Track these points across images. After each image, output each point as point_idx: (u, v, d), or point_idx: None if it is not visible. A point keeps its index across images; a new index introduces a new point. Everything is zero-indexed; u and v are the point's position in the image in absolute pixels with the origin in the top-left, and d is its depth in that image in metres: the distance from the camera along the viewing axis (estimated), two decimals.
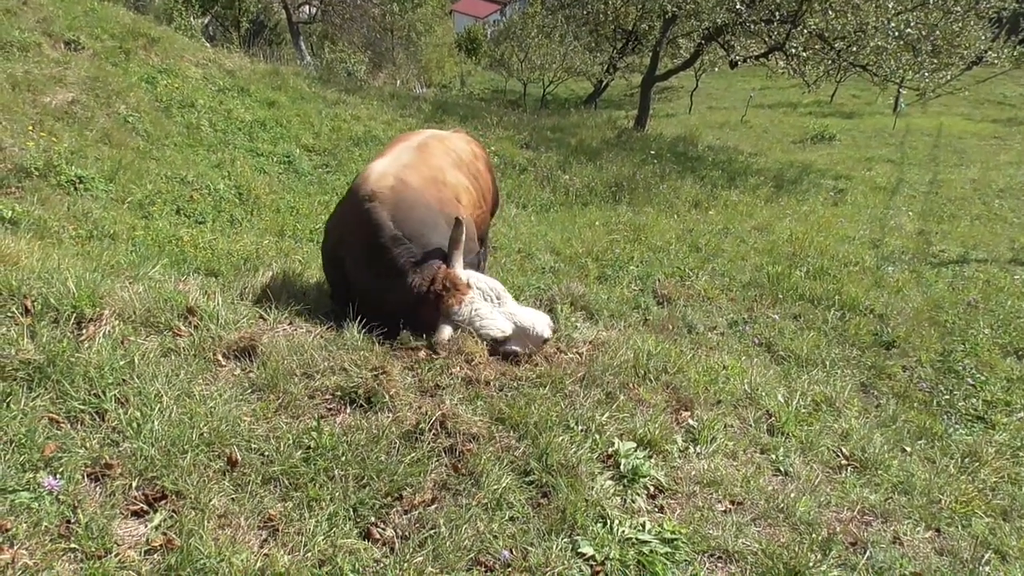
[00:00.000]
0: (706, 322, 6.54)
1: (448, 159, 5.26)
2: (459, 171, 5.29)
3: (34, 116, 8.84)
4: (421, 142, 5.18)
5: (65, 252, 5.05)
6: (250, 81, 13.69)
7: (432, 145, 5.22)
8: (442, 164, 5.08)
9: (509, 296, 4.19)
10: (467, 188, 5.23)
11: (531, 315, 4.16)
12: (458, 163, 5.37)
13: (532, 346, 4.12)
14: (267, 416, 3.15)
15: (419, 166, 4.80)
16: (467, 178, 5.35)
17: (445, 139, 5.55)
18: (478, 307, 4.01)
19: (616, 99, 33.31)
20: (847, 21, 16.89)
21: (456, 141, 5.69)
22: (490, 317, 4.01)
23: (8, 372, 2.99)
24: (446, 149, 5.37)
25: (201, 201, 8.88)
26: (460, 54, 40.61)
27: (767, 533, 3.03)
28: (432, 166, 4.95)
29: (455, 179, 5.11)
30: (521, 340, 4.08)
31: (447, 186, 4.91)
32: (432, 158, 5.05)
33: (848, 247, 9.43)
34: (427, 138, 5.33)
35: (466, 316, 3.98)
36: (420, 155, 4.97)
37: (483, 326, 3.98)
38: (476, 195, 5.38)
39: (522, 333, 4.07)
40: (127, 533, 2.44)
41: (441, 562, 2.52)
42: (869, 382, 5.88)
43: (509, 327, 4.02)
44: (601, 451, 3.30)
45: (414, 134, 5.52)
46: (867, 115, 28.18)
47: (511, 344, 4.05)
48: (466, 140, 5.99)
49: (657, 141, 18.09)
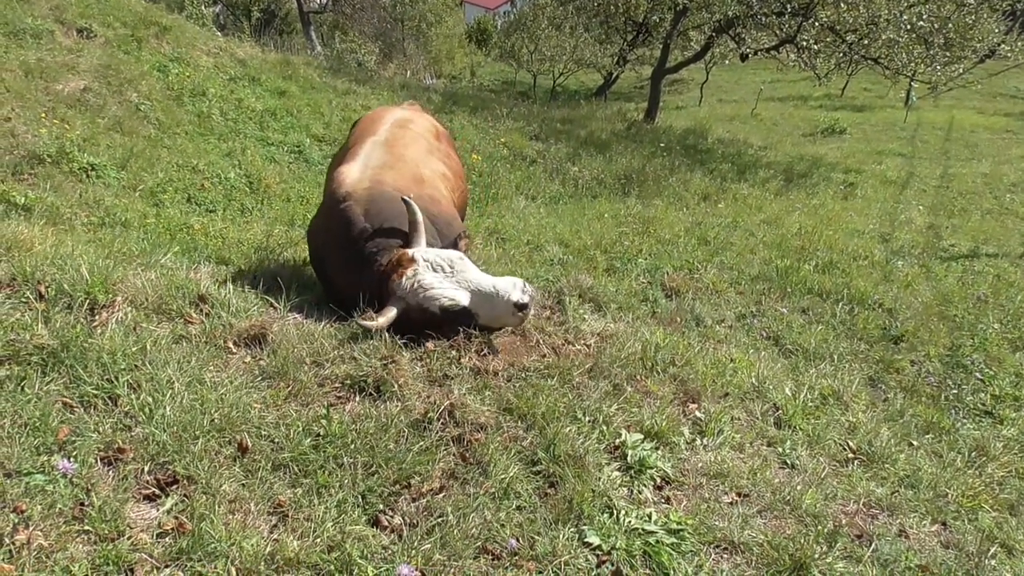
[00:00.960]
0: (714, 315, 6.53)
1: (419, 148, 5.17)
2: (432, 158, 5.23)
3: (47, 103, 8.89)
4: (389, 136, 5.04)
5: (78, 239, 5.08)
6: (261, 70, 13.70)
7: (399, 136, 5.10)
8: (416, 157, 5.00)
9: (470, 265, 3.93)
10: (443, 175, 5.20)
11: (496, 280, 3.85)
12: (429, 149, 5.31)
13: (506, 315, 3.83)
14: (277, 403, 3.18)
15: (394, 164, 4.73)
16: (441, 163, 5.31)
17: (409, 124, 5.40)
18: (422, 278, 3.79)
19: (626, 91, 33.19)
20: (859, 14, 16.77)
21: (419, 124, 5.57)
22: (437, 287, 3.78)
23: (23, 357, 3.03)
24: (414, 136, 5.25)
25: (212, 190, 8.92)
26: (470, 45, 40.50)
27: (773, 525, 3.04)
28: (407, 160, 4.87)
29: (431, 170, 5.05)
30: (489, 309, 3.82)
31: (425, 181, 4.83)
32: (405, 150, 4.97)
33: (857, 241, 9.41)
34: (392, 127, 5.19)
35: (408, 289, 3.79)
36: (391, 152, 4.87)
37: (427, 297, 3.76)
38: (452, 177, 5.36)
39: (487, 301, 3.80)
40: (139, 516, 2.48)
41: (448, 550, 2.55)
42: (877, 376, 5.87)
43: (463, 296, 3.79)
44: (608, 442, 3.32)
45: (377, 122, 5.33)
46: (878, 108, 27.98)
47: (480, 317, 3.82)
48: (427, 120, 5.91)
49: (667, 134, 18.04)
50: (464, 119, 15.16)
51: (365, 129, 5.26)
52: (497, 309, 3.82)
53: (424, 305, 3.79)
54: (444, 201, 4.84)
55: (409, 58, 30.78)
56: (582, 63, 29.62)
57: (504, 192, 11.90)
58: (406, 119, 5.51)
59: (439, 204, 4.70)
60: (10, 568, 2.11)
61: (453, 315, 3.81)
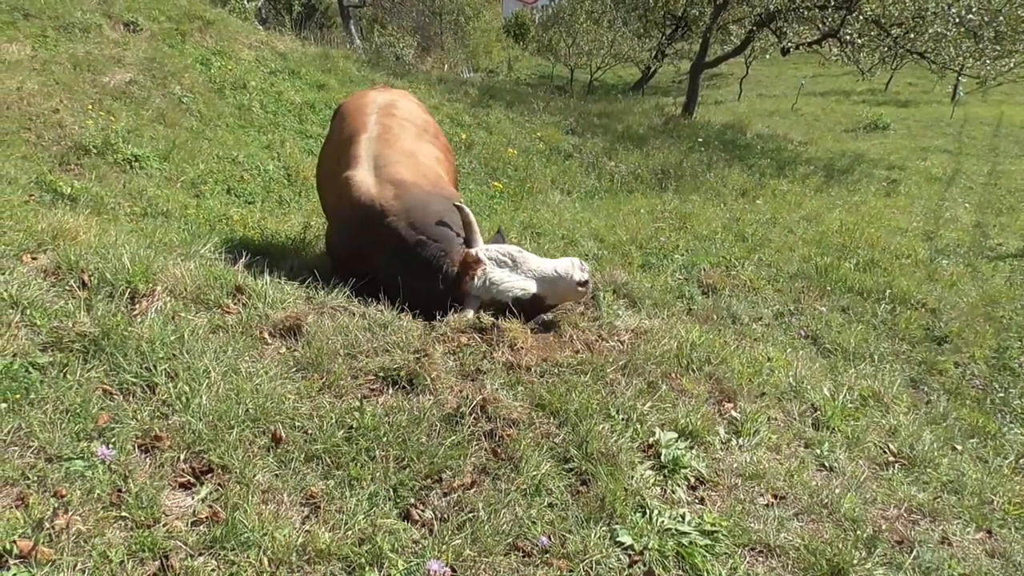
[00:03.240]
0: (751, 313, 6.44)
1: (410, 135, 5.16)
2: (423, 143, 5.24)
3: (93, 95, 9.07)
4: (380, 130, 5.01)
5: (121, 228, 5.17)
6: (301, 64, 13.82)
7: (390, 127, 5.08)
8: (413, 148, 5.01)
9: (528, 254, 4.22)
10: (437, 157, 5.24)
11: (556, 264, 4.17)
12: (420, 135, 5.30)
13: (570, 293, 4.17)
14: (311, 395, 3.20)
15: (399, 159, 4.78)
16: (432, 145, 5.33)
17: (393, 110, 5.33)
18: (491, 275, 4.08)
19: (664, 86, 32.85)
20: (905, 7, 16.38)
21: (403, 106, 5.48)
22: (507, 280, 4.08)
23: (65, 344, 3.09)
24: (401, 123, 5.21)
25: (251, 181, 9.03)
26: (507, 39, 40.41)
27: (810, 528, 2.98)
28: (406, 152, 4.90)
29: (427, 156, 5.10)
30: (555, 291, 4.15)
31: (428, 172, 4.87)
32: (399, 142, 4.97)
33: (900, 239, 9.19)
34: (381, 119, 5.13)
35: (481, 288, 4.08)
36: (392, 147, 4.87)
37: (501, 291, 4.07)
38: (444, 158, 5.39)
39: (552, 284, 4.13)
40: (175, 504, 2.51)
41: (479, 546, 2.54)
42: (919, 378, 5.73)
43: (532, 284, 4.10)
44: (642, 441, 3.28)
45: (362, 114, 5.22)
46: (923, 104, 27.34)
47: (547, 299, 4.16)
48: (412, 102, 5.84)
49: (705, 129, 17.82)
50: (500, 113, 15.13)
51: (353, 123, 5.17)
52: (561, 289, 4.17)
53: (498, 299, 4.09)
54: (446, 184, 4.97)
55: (447, 52, 30.82)
56: (620, 57, 29.33)
57: (539, 186, 11.86)
58: (389, 104, 5.42)
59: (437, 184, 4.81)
60: (50, 552, 2.15)
61: (524, 303, 4.12)
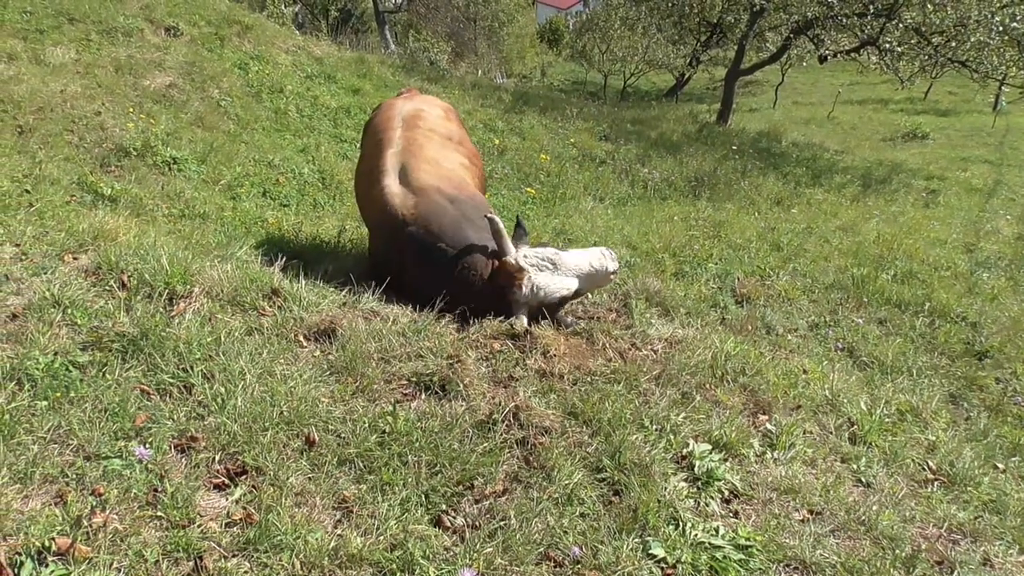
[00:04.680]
0: (786, 323, 6.35)
1: (434, 144, 5.22)
2: (448, 150, 5.29)
3: (134, 99, 9.23)
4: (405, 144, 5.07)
5: (159, 230, 5.25)
6: (336, 68, 13.95)
7: (416, 139, 5.14)
8: (436, 156, 5.07)
9: (562, 253, 4.35)
10: (462, 164, 5.29)
11: (590, 258, 4.37)
12: (444, 143, 5.35)
13: (604, 281, 4.53)
14: (344, 398, 3.21)
15: (423, 166, 4.87)
16: (457, 152, 5.39)
17: (418, 121, 5.38)
18: (537, 282, 4.20)
19: (698, 92, 32.69)
20: (946, 15, 16.12)
21: (428, 118, 5.51)
22: (552, 284, 4.22)
23: (105, 343, 3.13)
24: (426, 134, 5.27)
25: (286, 184, 9.12)
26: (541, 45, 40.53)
27: (847, 546, 2.92)
28: (430, 160, 4.98)
29: (452, 162, 5.16)
30: (592, 282, 4.43)
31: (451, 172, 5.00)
32: (423, 151, 5.04)
33: (940, 251, 9.02)
34: (405, 132, 5.20)
35: (530, 295, 4.19)
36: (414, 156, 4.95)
37: (548, 294, 4.21)
38: (469, 163, 5.45)
39: (590, 278, 4.38)
40: (209, 505, 2.53)
41: (510, 554, 2.52)
42: (959, 393, 5.60)
43: (573, 282, 4.28)
44: (675, 452, 3.25)
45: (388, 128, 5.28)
46: (964, 113, 26.88)
47: (584, 290, 4.43)
48: (435, 107, 5.88)
49: (740, 136, 17.67)
50: (534, 119, 15.13)
51: (380, 138, 5.26)
52: (599, 280, 4.47)
53: (546, 302, 4.25)
54: (463, 185, 5.01)
55: (481, 57, 30.96)
56: (654, 64, 29.31)
57: (572, 192, 11.83)
58: (414, 116, 5.46)
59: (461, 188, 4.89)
60: (87, 550, 2.17)
61: (570, 298, 4.36)
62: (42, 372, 2.89)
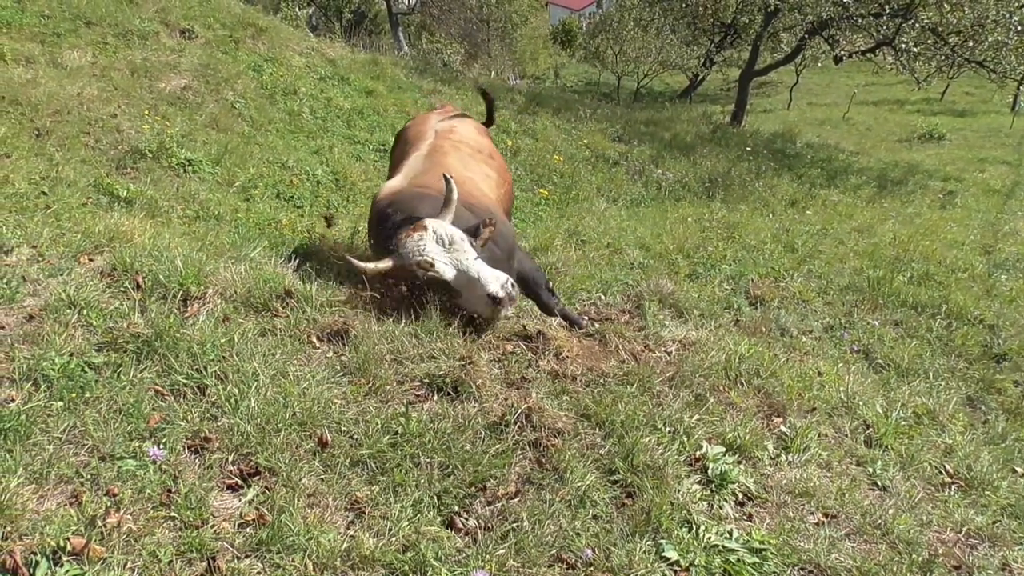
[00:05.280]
0: (800, 326, 6.31)
1: (461, 154, 5.40)
2: (474, 162, 5.45)
3: (150, 101, 9.29)
4: (429, 150, 5.28)
5: (174, 231, 5.29)
6: (350, 70, 13.99)
7: (442, 147, 5.35)
8: (456, 165, 5.16)
9: (469, 248, 4.03)
10: (486, 175, 5.42)
11: (482, 269, 3.97)
12: (472, 155, 5.53)
13: (480, 304, 3.96)
14: (357, 399, 3.22)
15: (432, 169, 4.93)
16: (485, 165, 5.55)
17: (451, 134, 5.61)
18: (423, 244, 3.95)
19: (712, 93, 32.55)
20: (963, 15, 15.97)
21: (461, 131, 5.75)
22: (431, 255, 3.92)
23: (120, 344, 3.15)
24: (455, 144, 5.47)
25: (300, 186, 9.15)
26: (554, 46, 40.48)
27: (863, 550, 2.89)
28: (445, 166, 5.02)
29: (474, 172, 5.29)
30: (468, 293, 3.96)
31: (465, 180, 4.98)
32: (445, 159, 5.17)
33: (957, 252, 8.94)
34: (436, 140, 5.43)
35: (408, 249, 3.95)
36: (431, 159, 5.12)
37: (418, 261, 3.92)
38: (497, 178, 5.58)
39: (467, 284, 3.94)
40: (222, 505, 2.54)
41: (523, 556, 2.52)
42: (977, 396, 5.55)
43: (450, 271, 3.92)
44: (689, 454, 3.23)
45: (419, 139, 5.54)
46: (981, 114, 26.62)
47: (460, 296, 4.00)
48: (472, 124, 6.15)
49: (754, 137, 17.59)
50: (547, 120, 15.12)
51: (407, 147, 5.53)
52: (473, 294, 3.95)
53: (415, 266, 3.93)
54: (482, 195, 5.05)
55: (494, 59, 30.95)
56: (667, 65, 29.18)
57: (585, 193, 11.81)
58: (447, 129, 5.69)
59: (476, 197, 4.89)
60: (101, 550, 2.18)
61: (435, 284, 3.98)
62: (58, 373, 2.91)
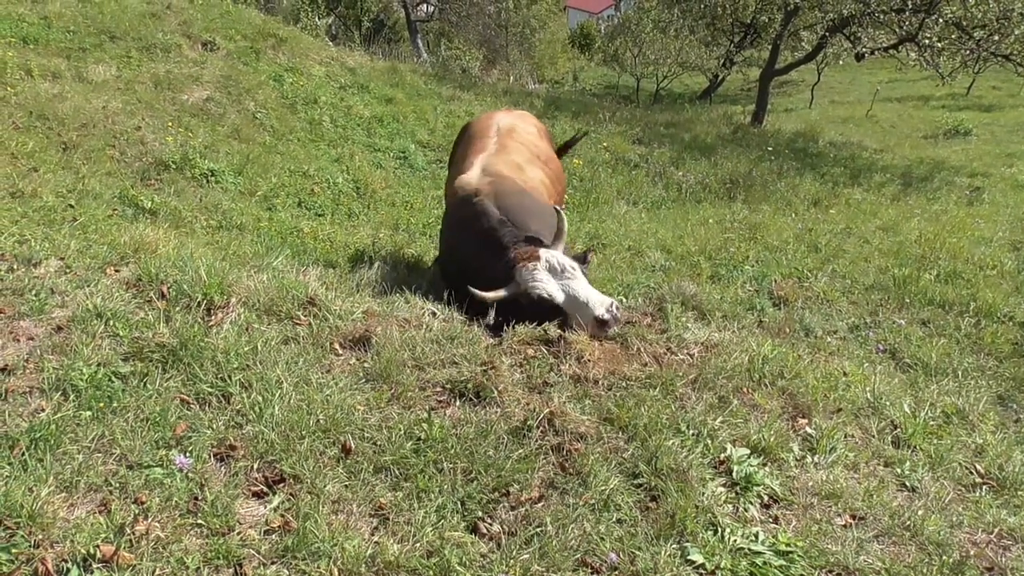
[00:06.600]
0: (825, 326, 6.24)
1: (522, 155, 5.73)
2: (533, 166, 5.76)
3: (173, 113, 9.42)
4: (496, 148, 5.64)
5: (198, 241, 5.35)
6: (370, 78, 14.09)
7: (507, 145, 5.69)
8: (520, 163, 5.57)
9: (580, 275, 4.46)
10: (542, 180, 5.74)
11: (591, 293, 4.38)
12: (531, 159, 5.83)
13: (588, 324, 4.26)
14: (380, 406, 3.23)
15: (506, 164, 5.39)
16: (541, 170, 5.86)
17: (513, 133, 5.90)
18: (538, 273, 4.38)
19: (732, 94, 32.33)
20: (988, 8, 15.71)
21: (521, 133, 6.00)
22: (544, 282, 4.36)
23: (145, 353, 3.20)
24: (517, 146, 5.78)
25: (321, 194, 9.23)
26: (573, 50, 40.49)
27: (892, 551, 2.85)
28: (512, 164, 5.47)
29: (533, 174, 5.64)
30: (577, 314, 4.30)
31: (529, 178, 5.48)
32: (510, 156, 5.56)
33: (985, 249, 8.80)
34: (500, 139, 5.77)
35: (524, 278, 4.37)
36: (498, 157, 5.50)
37: (532, 287, 4.34)
38: (550, 182, 5.89)
39: (576, 307, 4.31)
40: (248, 513, 2.56)
41: (547, 561, 2.51)
42: (1008, 395, 5.45)
43: (560, 296, 4.33)
44: (713, 457, 3.21)
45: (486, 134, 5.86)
46: (1008, 108, 26.18)
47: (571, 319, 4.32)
48: (532, 126, 6.40)
49: (775, 137, 17.45)
50: (566, 123, 15.12)
51: (475, 143, 5.80)
52: (582, 316, 4.30)
53: (528, 292, 4.35)
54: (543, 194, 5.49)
55: (512, 64, 31.03)
56: (687, 66, 29.08)
57: (605, 197, 11.78)
58: (510, 128, 5.97)
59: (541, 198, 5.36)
60: (130, 557, 2.21)
61: (548, 308, 4.33)
62: (86, 383, 2.96)
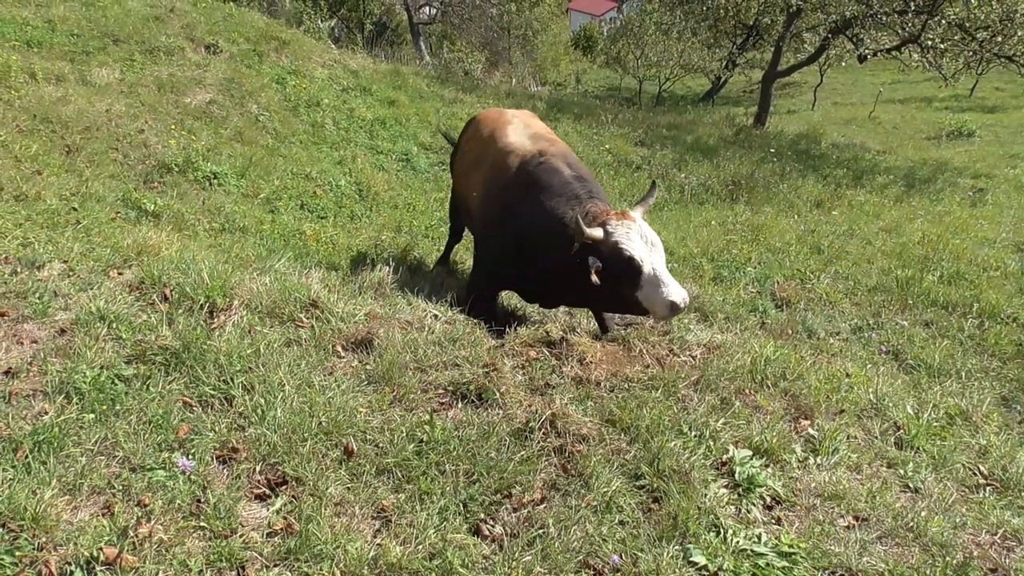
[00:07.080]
0: (828, 327, 6.25)
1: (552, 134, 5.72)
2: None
3: (176, 116, 9.44)
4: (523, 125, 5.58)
5: (200, 244, 5.36)
6: (372, 81, 14.10)
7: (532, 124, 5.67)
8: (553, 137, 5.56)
9: (661, 255, 4.31)
10: None
11: (669, 278, 4.20)
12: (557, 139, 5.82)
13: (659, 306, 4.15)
14: (382, 408, 3.23)
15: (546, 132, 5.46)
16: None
17: (530, 118, 5.87)
18: (632, 234, 4.23)
19: (734, 96, 32.33)
20: (991, 9, 15.68)
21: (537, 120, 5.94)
22: (638, 246, 4.20)
23: (148, 356, 3.20)
24: (541, 126, 5.76)
25: (324, 197, 9.24)
26: (575, 52, 40.51)
27: (895, 553, 2.85)
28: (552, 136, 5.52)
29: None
30: (651, 292, 4.16)
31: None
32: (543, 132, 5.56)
33: (988, 250, 8.79)
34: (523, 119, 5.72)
35: (620, 231, 4.24)
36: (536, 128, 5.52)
37: (625, 247, 4.18)
38: None
39: (653, 285, 4.15)
40: (251, 515, 2.56)
41: (549, 563, 2.51)
42: (1011, 396, 5.45)
43: (648, 266, 4.16)
44: (715, 458, 3.21)
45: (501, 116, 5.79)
46: (1012, 109, 26.13)
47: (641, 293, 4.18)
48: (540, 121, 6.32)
49: (777, 139, 17.44)
50: (568, 126, 15.12)
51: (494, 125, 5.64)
52: (657, 296, 4.15)
53: (618, 247, 4.19)
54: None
55: (515, 66, 31.04)
56: (689, 68, 29.08)
57: (608, 198, 11.77)
58: (525, 114, 5.97)
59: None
60: (133, 559, 2.21)
61: (628, 272, 4.18)
62: (89, 386, 2.97)
